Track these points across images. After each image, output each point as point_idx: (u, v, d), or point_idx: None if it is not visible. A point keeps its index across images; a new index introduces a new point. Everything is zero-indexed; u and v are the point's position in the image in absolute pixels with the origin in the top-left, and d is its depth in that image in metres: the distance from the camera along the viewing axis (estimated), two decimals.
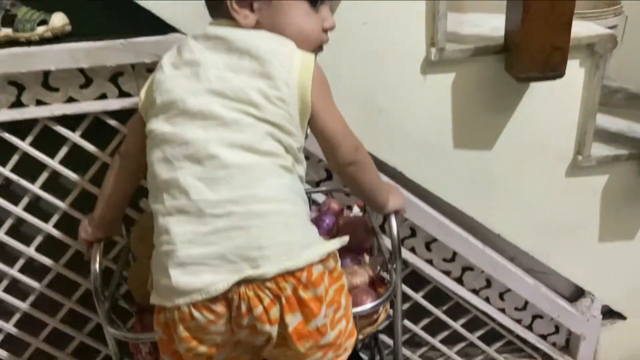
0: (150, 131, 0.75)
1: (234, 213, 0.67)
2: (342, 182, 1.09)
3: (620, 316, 1.40)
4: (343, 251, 0.79)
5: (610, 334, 1.40)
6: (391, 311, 0.94)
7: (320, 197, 1.17)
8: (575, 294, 1.38)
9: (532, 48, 0.97)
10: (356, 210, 1.11)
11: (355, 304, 0.82)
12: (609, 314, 1.40)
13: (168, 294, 0.69)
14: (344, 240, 0.75)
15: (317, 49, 0.81)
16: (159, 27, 0.99)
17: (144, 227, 0.91)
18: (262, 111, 0.70)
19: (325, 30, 0.81)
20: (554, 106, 1.12)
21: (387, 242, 0.94)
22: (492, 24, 1.17)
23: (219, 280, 0.67)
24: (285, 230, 0.69)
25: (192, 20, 0.97)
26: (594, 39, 1.05)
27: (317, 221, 1.01)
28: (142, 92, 0.78)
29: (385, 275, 0.95)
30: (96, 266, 0.84)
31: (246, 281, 0.67)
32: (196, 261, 0.67)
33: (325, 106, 0.76)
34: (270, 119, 0.70)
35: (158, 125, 0.73)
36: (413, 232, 1.27)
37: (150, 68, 1.02)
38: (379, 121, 1.11)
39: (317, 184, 1.21)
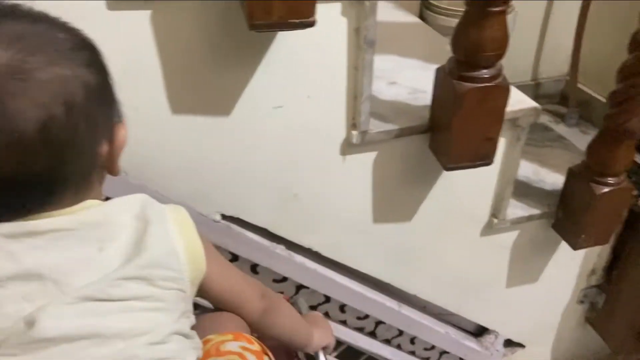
0: None
1: None
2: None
3: (520, 345, 1.46)
4: None
5: None
6: None
7: None
8: (480, 329, 1.41)
9: (462, 141, 0.89)
10: None
11: None
12: (508, 342, 1.45)
13: None
14: None
15: None
16: None
17: None
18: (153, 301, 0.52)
19: None
20: (473, 177, 1.06)
21: None
22: (410, 84, 1.06)
23: None
24: None
25: None
26: (518, 113, 0.98)
27: None
28: None
29: None
30: None
31: None
32: None
33: (218, 264, 0.61)
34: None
35: None
36: (327, 298, 1.18)
37: None
38: (294, 207, 0.98)
39: None
